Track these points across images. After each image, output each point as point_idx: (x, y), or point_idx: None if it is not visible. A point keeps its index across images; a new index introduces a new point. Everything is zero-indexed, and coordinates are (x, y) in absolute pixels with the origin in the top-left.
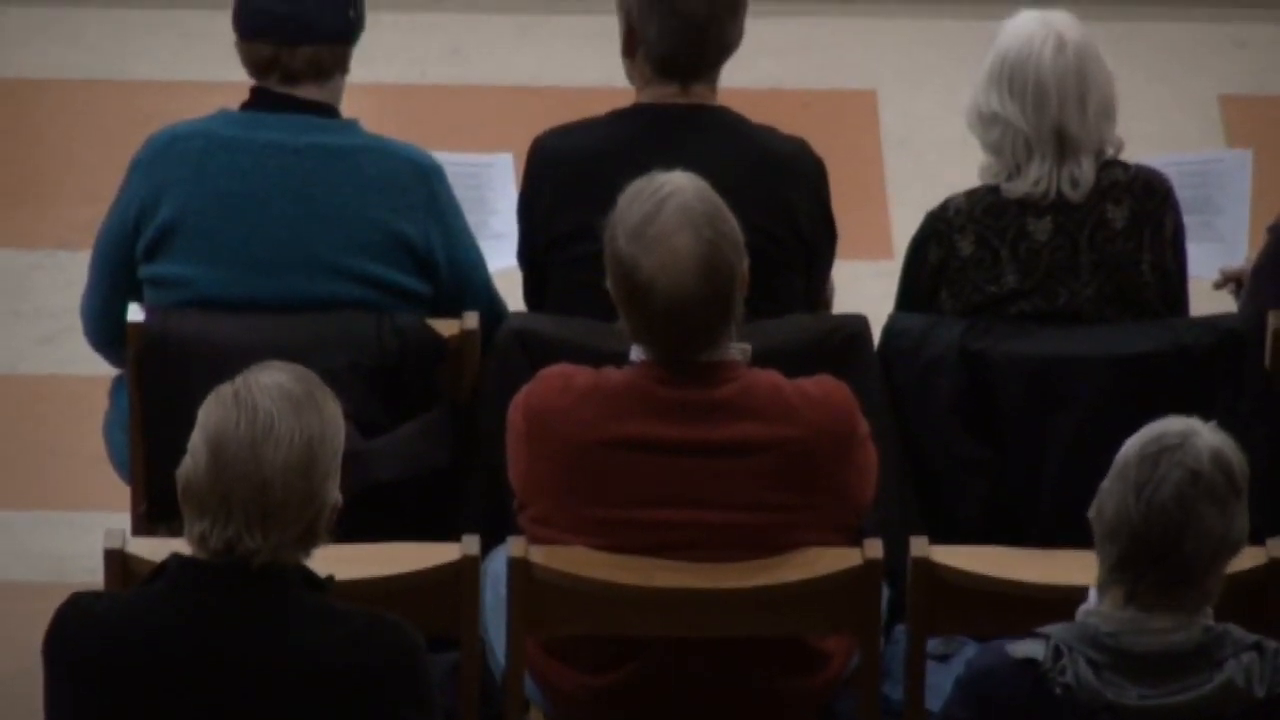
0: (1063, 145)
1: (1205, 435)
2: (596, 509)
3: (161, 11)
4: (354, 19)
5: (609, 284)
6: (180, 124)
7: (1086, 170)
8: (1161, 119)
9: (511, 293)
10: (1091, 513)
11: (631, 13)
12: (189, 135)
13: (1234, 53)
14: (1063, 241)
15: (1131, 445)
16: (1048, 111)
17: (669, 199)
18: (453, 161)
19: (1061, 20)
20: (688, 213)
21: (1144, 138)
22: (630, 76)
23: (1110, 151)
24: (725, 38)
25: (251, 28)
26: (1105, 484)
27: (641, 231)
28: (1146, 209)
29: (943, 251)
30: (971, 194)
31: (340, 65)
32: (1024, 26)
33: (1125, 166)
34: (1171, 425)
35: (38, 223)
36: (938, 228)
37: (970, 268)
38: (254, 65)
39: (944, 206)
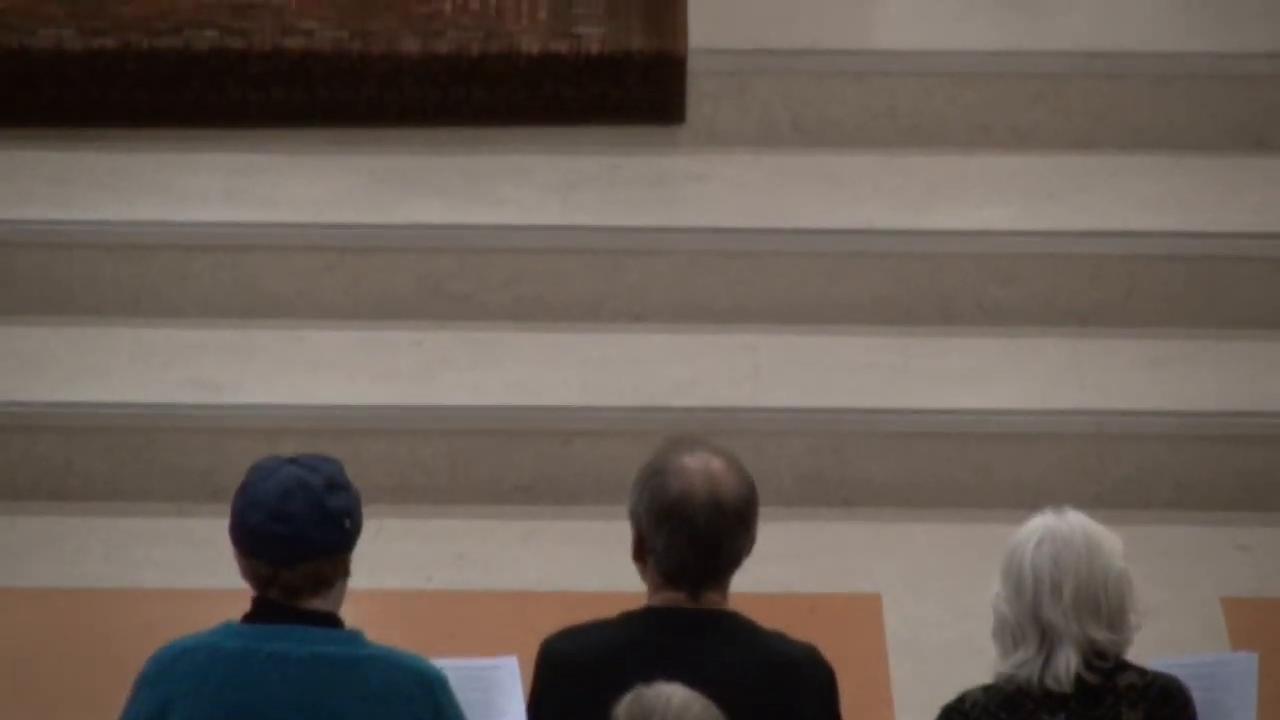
0: (1044, 633)
1: None
2: None
3: (169, 521)
4: (350, 529)
5: None
6: (185, 638)
7: (1070, 661)
8: (1164, 621)
9: None
10: None
11: (641, 522)
12: (194, 649)
13: (1236, 555)
14: None
15: None
16: (1024, 597)
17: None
18: (457, 667)
19: (1066, 516)
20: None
21: (1149, 640)
22: (642, 576)
23: (1111, 649)
24: (735, 549)
25: (249, 547)
26: None
27: None
28: (1163, 714)
29: None
30: (989, 689)
31: (341, 572)
32: (1032, 521)
33: (1142, 672)
34: None
35: None
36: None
37: None
38: (255, 580)
39: (961, 699)
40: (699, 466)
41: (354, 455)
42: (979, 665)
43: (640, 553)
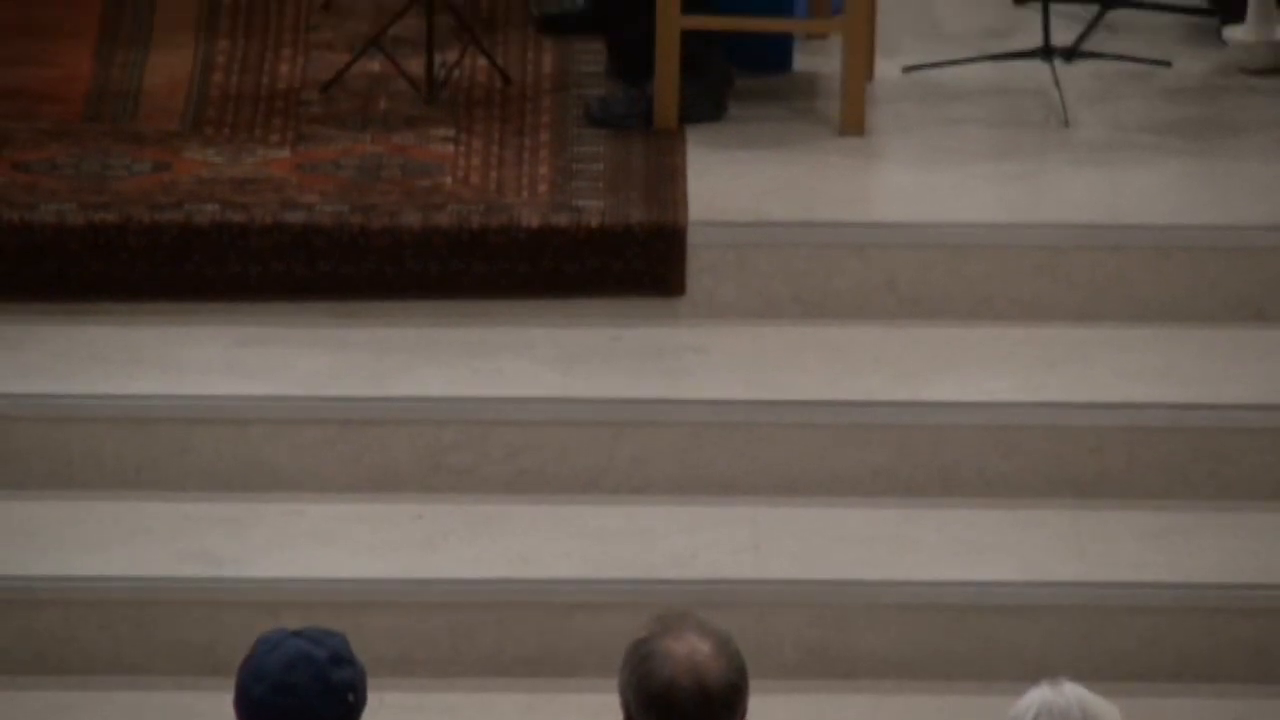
0: None
1: None
2: None
3: (169, 694)
4: (354, 703)
5: None
6: None
7: None
8: None
9: None
10: None
11: (629, 704)
12: None
13: None
14: None
15: None
16: None
17: None
18: None
19: (1062, 688)
20: None
21: None
22: None
23: None
24: None
25: (252, 717)
26: None
27: None
28: None
29: None
30: None
31: None
32: (1028, 695)
33: None
34: None
35: None
36: None
37: None
38: None
39: None
40: (685, 653)
41: (355, 628)
42: None
43: None
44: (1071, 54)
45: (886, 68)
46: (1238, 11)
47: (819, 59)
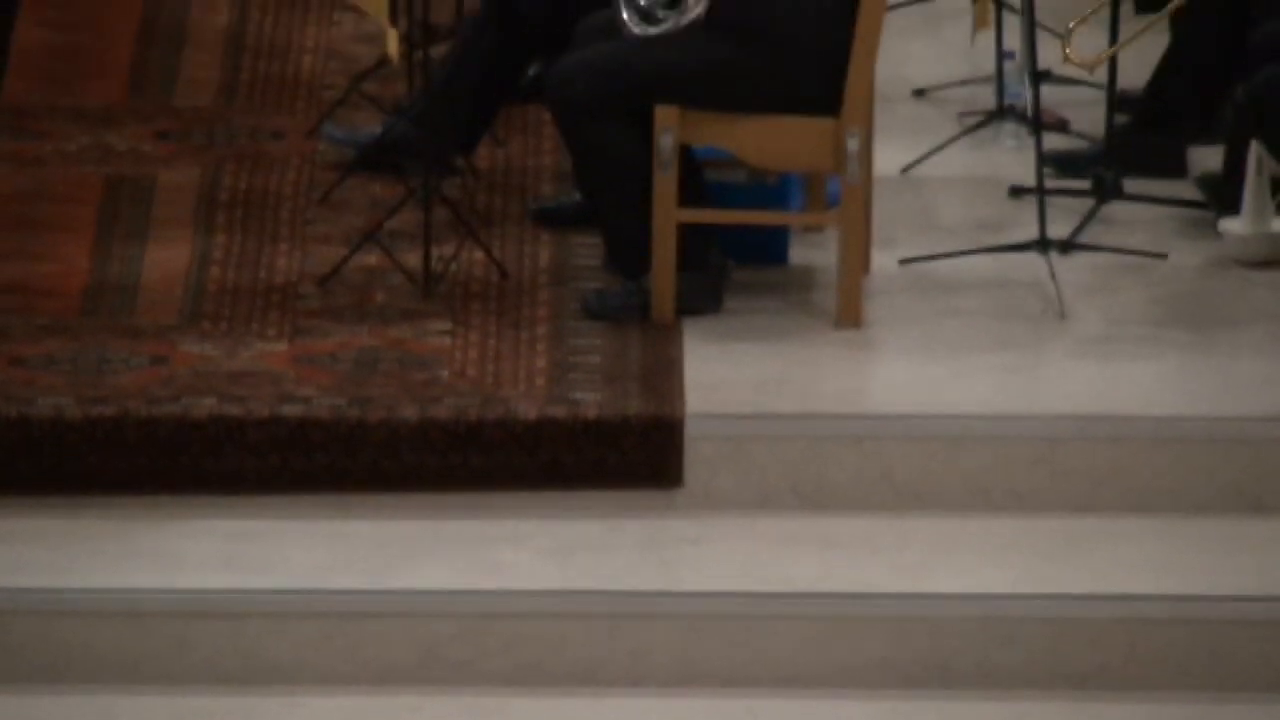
0: None
1: None
2: None
3: None
4: None
5: None
6: None
7: None
8: None
9: None
10: None
11: None
12: None
13: None
14: None
15: None
16: None
17: None
18: None
19: None
20: None
21: None
22: None
23: None
24: None
25: None
26: None
27: None
28: None
29: None
30: None
31: None
32: None
33: None
34: None
35: None
36: None
37: None
38: None
39: None
40: None
41: None
42: None
43: None
44: (1068, 246)
45: (883, 260)
46: (1233, 204)
47: (815, 251)
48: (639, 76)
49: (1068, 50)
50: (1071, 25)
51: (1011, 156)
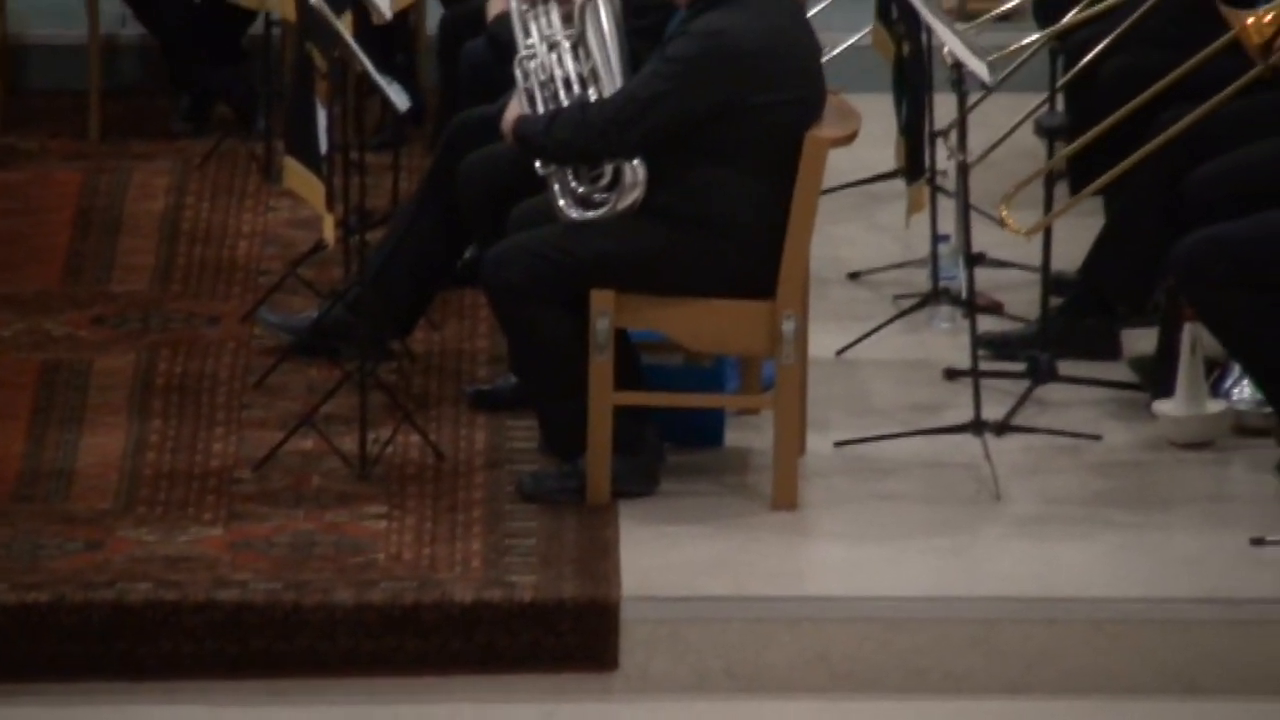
0: None
1: None
2: None
3: None
4: None
5: None
6: None
7: None
8: None
9: None
10: None
11: None
12: None
13: None
14: None
15: None
16: None
17: None
18: None
19: None
20: None
21: None
22: None
23: None
24: None
25: None
26: None
27: None
28: None
29: None
30: None
31: None
32: None
33: None
34: None
35: None
36: None
37: None
38: None
39: None
40: None
41: None
42: None
43: None
44: (1002, 428)
45: (818, 442)
46: (1167, 386)
47: (750, 433)
48: (574, 261)
49: (1004, 214)
50: (1011, 190)
51: (946, 339)
